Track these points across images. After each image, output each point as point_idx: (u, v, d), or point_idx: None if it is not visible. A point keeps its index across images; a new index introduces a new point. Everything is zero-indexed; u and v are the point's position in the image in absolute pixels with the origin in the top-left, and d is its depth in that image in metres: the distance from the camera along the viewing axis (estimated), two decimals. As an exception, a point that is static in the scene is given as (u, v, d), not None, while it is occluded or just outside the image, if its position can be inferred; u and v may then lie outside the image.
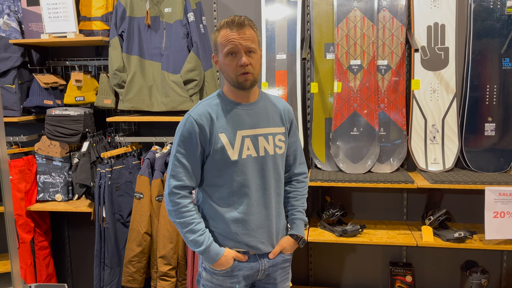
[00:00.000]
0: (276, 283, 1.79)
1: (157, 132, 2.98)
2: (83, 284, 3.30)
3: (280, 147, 1.73)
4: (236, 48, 1.58)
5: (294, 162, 1.87)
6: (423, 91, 2.62)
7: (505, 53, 2.54)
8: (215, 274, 1.71)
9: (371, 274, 2.95)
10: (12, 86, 2.84)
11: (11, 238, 1.13)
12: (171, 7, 2.67)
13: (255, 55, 1.62)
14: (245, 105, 1.69)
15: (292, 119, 1.82)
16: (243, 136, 1.65)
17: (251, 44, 1.60)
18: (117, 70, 2.71)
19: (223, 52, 1.60)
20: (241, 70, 1.59)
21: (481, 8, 2.55)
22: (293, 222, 1.84)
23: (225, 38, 1.59)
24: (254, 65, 1.62)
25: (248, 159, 1.66)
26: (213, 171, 1.67)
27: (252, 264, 1.72)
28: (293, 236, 1.81)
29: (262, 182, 1.69)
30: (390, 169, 2.67)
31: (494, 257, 2.77)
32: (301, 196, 1.87)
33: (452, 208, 2.71)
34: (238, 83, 1.62)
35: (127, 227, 2.70)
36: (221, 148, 1.62)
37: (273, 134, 1.72)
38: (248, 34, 1.59)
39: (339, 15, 2.65)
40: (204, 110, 1.64)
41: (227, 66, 1.61)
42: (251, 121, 1.68)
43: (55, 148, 2.93)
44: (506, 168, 2.59)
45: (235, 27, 1.58)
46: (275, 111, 1.76)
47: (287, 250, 1.79)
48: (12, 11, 2.88)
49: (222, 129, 1.63)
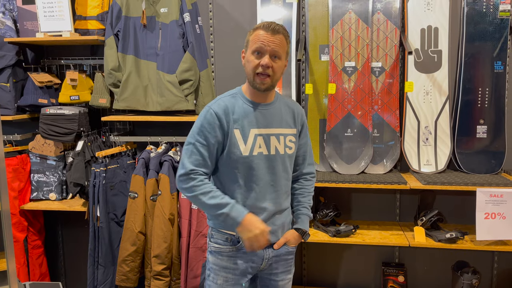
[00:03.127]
0: (278, 273, 1.86)
1: (152, 132, 2.98)
2: (76, 283, 3.30)
3: (290, 147, 1.82)
4: (263, 48, 1.67)
5: (303, 162, 1.94)
6: (416, 93, 2.65)
7: (497, 56, 2.58)
8: (220, 254, 1.79)
9: (364, 274, 2.97)
10: (6, 84, 2.83)
11: (7, 236, 1.13)
12: (167, 7, 2.68)
13: (279, 61, 1.70)
14: (261, 105, 1.77)
15: (304, 122, 1.91)
16: (255, 134, 1.73)
17: (279, 50, 1.68)
18: (113, 70, 2.71)
19: (251, 49, 1.69)
20: (260, 69, 1.67)
21: (474, 11, 2.58)
22: (298, 217, 1.90)
23: (257, 37, 1.68)
24: (276, 70, 1.69)
25: (259, 156, 1.74)
26: (224, 164, 1.74)
27: (258, 251, 1.78)
28: (298, 230, 1.88)
29: (271, 179, 1.77)
30: (383, 170, 2.69)
31: (485, 258, 2.80)
32: (307, 193, 1.94)
33: (444, 209, 2.74)
34: (254, 83, 1.71)
35: (121, 227, 2.70)
36: (234, 143, 1.70)
37: (285, 135, 1.80)
38: (279, 40, 1.68)
39: (334, 17, 2.67)
40: (224, 105, 1.73)
41: (250, 62, 1.70)
42: (265, 121, 1.76)
43: (49, 147, 2.92)
44: (497, 170, 2.62)
45: (270, 31, 1.67)
46: (288, 113, 1.84)
47: (291, 242, 1.86)
48: (7, 10, 2.87)
49: (236, 125, 1.72)
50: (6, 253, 1.15)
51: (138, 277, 2.67)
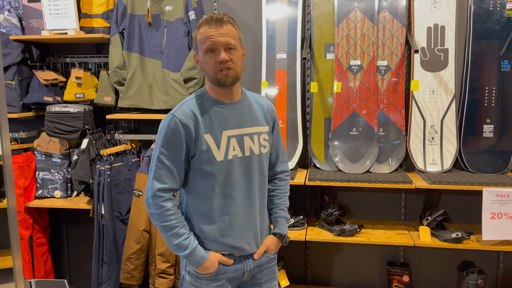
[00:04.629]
0: (262, 283, 1.77)
1: (157, 130, 2.96)
2: (81, 281, 3.30)
3: (265, 146, 1.72)
4: (215, 45, 1.54)
5: (277, 161, 1.85)
6: (422, 92, 2.63)
7: (504, 55, 2.56)
8: (199, 278, 1.67)
9: (368, 274, 2.96)
10: (12, 82, 2.83)
11: (14, 234, 1.13)
12: (172, 5, 2.68)
13: (235, 51, 1.57)
14: (228, 104, 1.65)
15: (275, 118, 1.80)
16: (228, 136, 1.62)
17: (231, 40, 1.55)
18: (118, 68, 2.72)
19: (203, 49, 1.57)
20: (220, 66, 1.55)
21: (481, 10, 2.56)
22: (276, 221, 1.82)
23: (204, 35, 1.55)
24: (235, 61, 1.57)
25: (234, 159, 1.63)
26: (198, 172, 1.63)
27: (237, 266, 1.69)
28: (276, 235, 1.79)
29: (247, 183, 1.67)
30: (388, 170, 2.68)
31: (491, 258, 2.79)
32: (283, 194, 1.85)
33: (449, 208, 2.72)
34: (217, 80, 1.58)
35: (126, 224, 2.71)
36: (206, 149, 1.58)
37: (258, 133, 1.69)
38: (227, 30, 1.55)
39: (340, 15, 2.66)
40: (188, 109, 1.59)
41: (206, 63, 1.57)
42: (236, 121, 1.64)
43: (55, 144, 2.93)
44: (504, 170, 2.60)
45: (213, 24, 1.54)
46: (258, 110, 1.73)
47: (271, 249, 1.77)
48: (12, 7, 2.88)
49: (207, 129, 1.59)
50: (13, 251, 1.15)
51: (143, 275, 2.68)
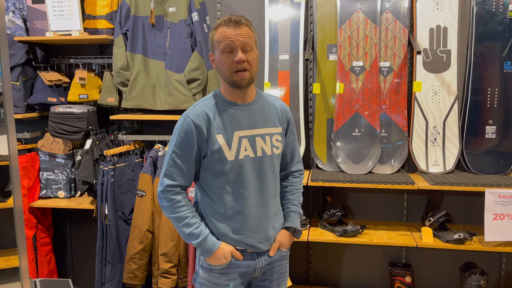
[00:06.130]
0: (272, 280, 1.78)
1: (160, 131, 2.99)
2: (84, 281, 3.32)
3: (277, 147, 1.73)
4: (232, 45, 1.57)
5: (292, 161, 1.87)
6: (424, 93, 2.64)
7: (506, 56, 2.56)
8: (212, 271, 1.70)
9: (370, 274, 2.96)
10: (16, 83, 2.85)
11: (20, 233, 1.14)
12: (176, 6, 2.69)
13: (252, 53, 1.61)
14: (242, 105, 1.67)
15: (290, 119, 1.81)
16: (240, 137, 1.64)
17: (248, 41, 1.59)
18: (121, 69, 2.73)
19: (220, 49, 1.60)
20: (237, 66, 1.58)
21: (484, 11, 2.57)
22: (288, 215, 1.83)
23: (222, 35, 1.58)
24: (251, 62, 1.60)
25: (246, 159, 1.65)
26: (210, 171, 1.66)
27: (249, 262, 1.72)
28: (288, 229, 1.80)
29: (259, 183, 1.69)
30: (391, 170, 2.68)
31: (493, 259, 2.79)
32: (296, 190, 1.87)
33: (452, 209, 2.72)
34: (233, 81, 1.61)
35: (129, 225, 2.72)
36: (218, 149, 1.62)
37: (270, 134, 1.71)
38: (244, 31, 1.59)
39: (342, 16, 2.66)
40: (201, 110, 1.64)
41: (223, 63, 1.60)
42: (248, 122, 1.67)
43: (58, 145, 2.95)
44: (506, 171, 2.61)
45: (232, 25, 1.58)
46: (272, 111, 1.75)
47: (284, 244, 1.79)
48: (17, 9, 2.89)
49: (219, 130, 1.63)
50: (19, 250, 1.16)
51: (146, 275, 2.69)
